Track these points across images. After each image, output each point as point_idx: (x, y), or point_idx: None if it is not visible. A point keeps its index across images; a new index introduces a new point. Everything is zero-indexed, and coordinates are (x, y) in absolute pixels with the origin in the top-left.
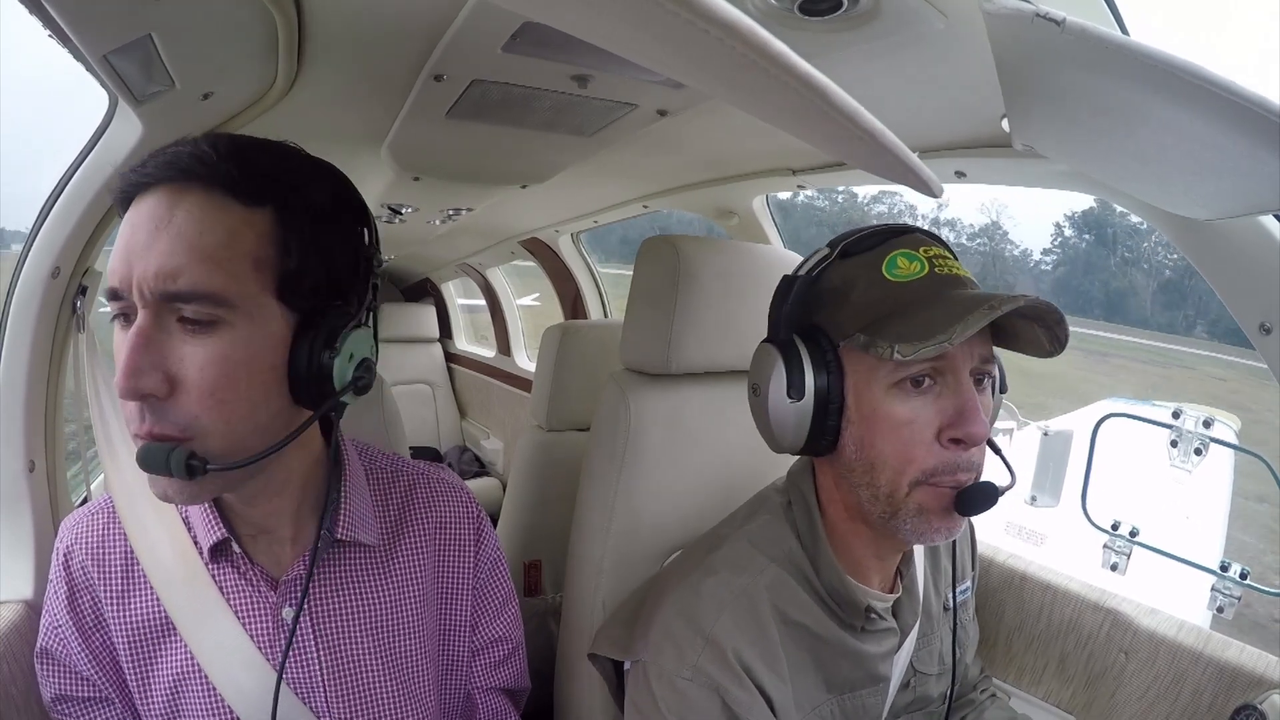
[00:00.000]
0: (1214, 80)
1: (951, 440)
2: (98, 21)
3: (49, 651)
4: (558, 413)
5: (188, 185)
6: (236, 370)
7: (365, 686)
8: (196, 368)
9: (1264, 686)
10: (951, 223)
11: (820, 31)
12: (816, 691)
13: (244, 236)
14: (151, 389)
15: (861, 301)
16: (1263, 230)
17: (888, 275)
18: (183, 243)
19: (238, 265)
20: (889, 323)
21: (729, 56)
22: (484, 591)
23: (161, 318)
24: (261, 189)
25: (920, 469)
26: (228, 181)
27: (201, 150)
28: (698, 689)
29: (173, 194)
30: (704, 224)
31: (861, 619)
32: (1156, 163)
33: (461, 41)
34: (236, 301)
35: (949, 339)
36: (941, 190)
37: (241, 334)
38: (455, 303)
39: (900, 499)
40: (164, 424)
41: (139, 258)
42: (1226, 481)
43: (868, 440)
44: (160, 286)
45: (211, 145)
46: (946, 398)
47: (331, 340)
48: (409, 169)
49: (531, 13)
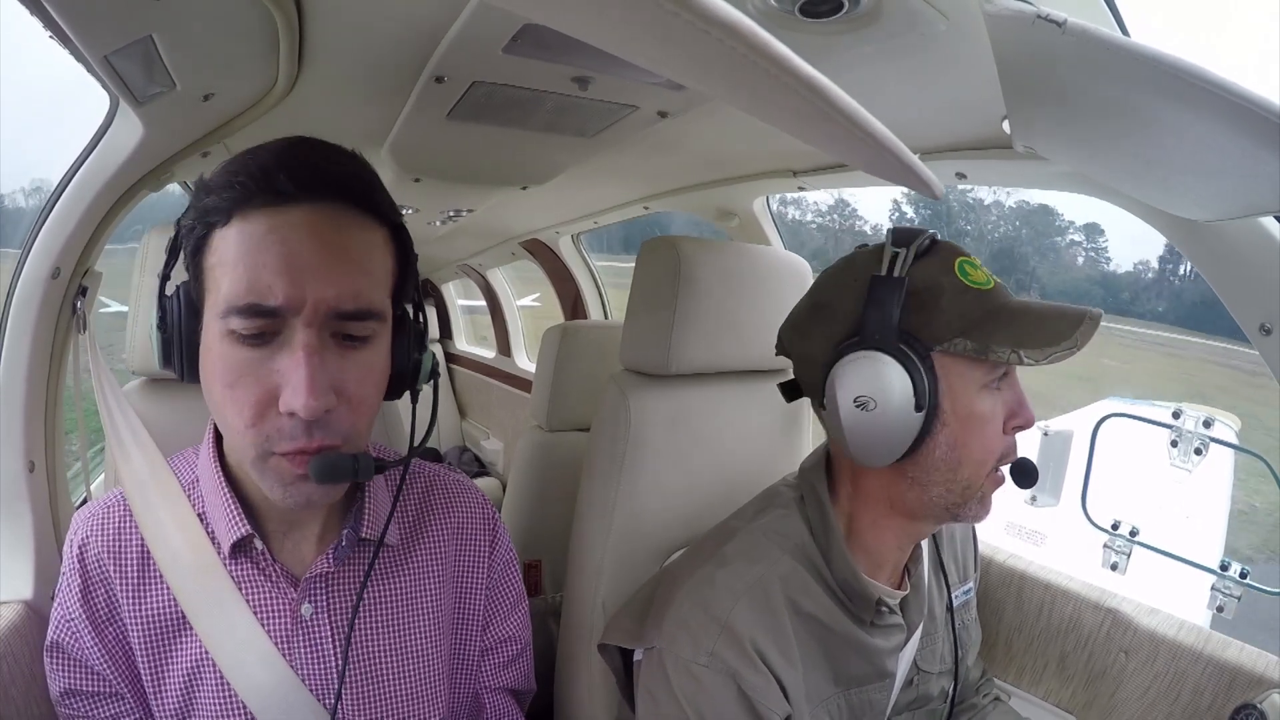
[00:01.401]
0: (1214, 81)
1: (1014, 428)
2: (98, 22)
3: (60, 645)
4: (558, 413)
5: (339, 204)
6: (380, 377)
7: (379, 684)
8: (356, 381)
9: (1264, 686)
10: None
11: (821, 33)
12: (825, 684)
13: (385, 254)
14: (330, 405)
15: (955, 307)
16: (1263, 231)
17: (968, 282)
18: (356, 264)
19: (386, 282)
20: (992, 328)
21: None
22: (497, 592)
23: (323, 336)
24: (380, 205)
25: (996, 456)
26: (369, 201)
27: (343, 166)
28: (714, 675)
29: (328, 212)
30: (688, 220)
31: (872, 612)
32: (1157, 164)
33: (462, 43)
34: (386, 315)
35: (1074, 344)
36: (943, 192)
37: (384, 343)
38: (455, 303)
39: (976, 487)
40: (331, 435)
41: (315, 277)
42: (1227, 481)
43: (961, 440)
44: (339, 306)
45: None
46: (1006, 392)
47: (421, 340)
48: (410, 170)
49: (532, 14)
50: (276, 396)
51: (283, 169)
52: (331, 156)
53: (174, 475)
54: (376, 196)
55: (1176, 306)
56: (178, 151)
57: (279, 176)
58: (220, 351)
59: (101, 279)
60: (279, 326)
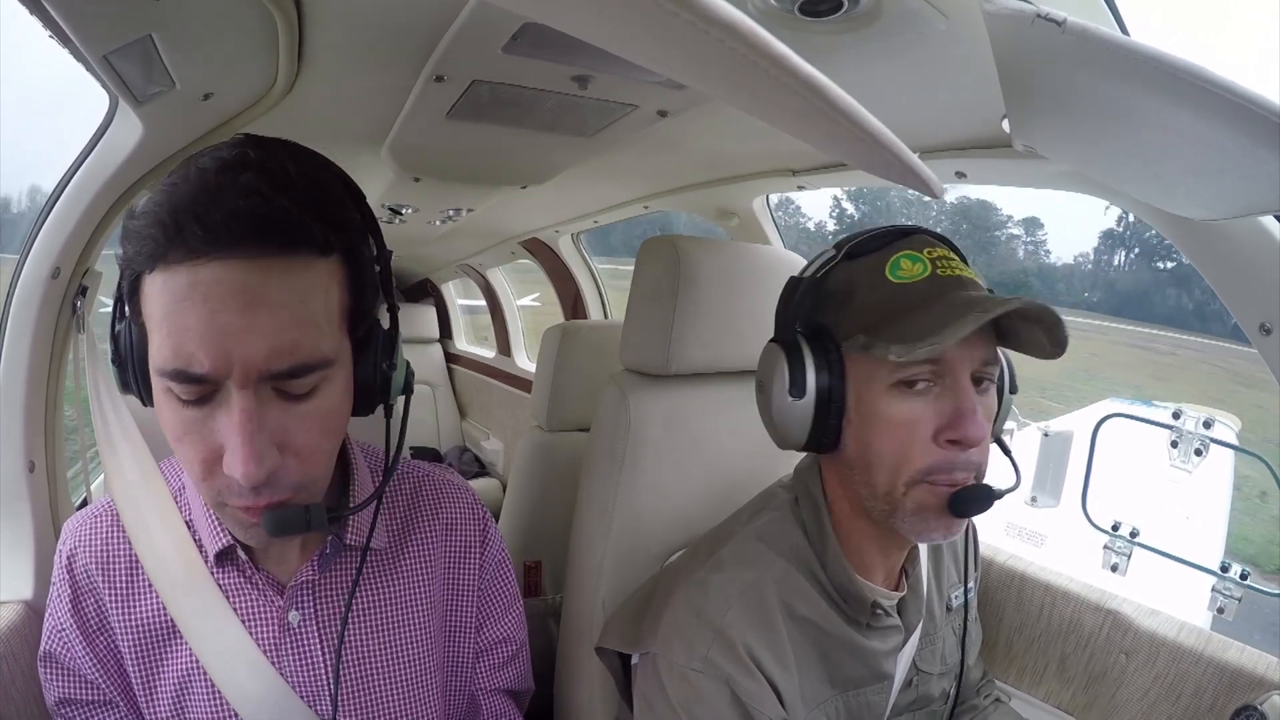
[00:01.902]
0: (1214, 80)
1: (948, 441)
2: (98, 22)
3: (53, 655)
4: (558, 413)
5: (264, 251)
6: (338, 421)
7: (372, 690)
8: (303, 432)
9: (1264, 687)
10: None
11: (821, 33)
12: (822, 687)
13: (331, 292)
14: (273, 466)
15: (864, 303)
16: (1263, 230)
17: (891, 277)
18: (289, 318)
19: (334, 324)
20: (888, 324)
21: (729, 57)
22: (489, 593)
23: (261, 393)
24: (317, 236)
25: (916, 468)
26: (303, 237)
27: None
28: (708, 680)
29: (251, 265)
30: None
31: (867, 615)
32: (1157, 163)
33: (462, 42)
34: (336, 358)
35: (941, 341)
36: (943, 191)
37: (337, 386)
38: (455, 303)
39: (897, 497)
40: (279, 490)
41: (240, 342)
42: (1227, 482)
43: (866, 439)
44: (270, 367)
45: (271, 189)
46: (945, 399)
47: (389, 357)
48: (409, 169)
49: (532, 13)
50: (221, 454)
51: (197, 219)
52: (261, 188)
53: (165, 480)
54: (312, 229)
55: (1110, 296)
56: (177, 151)
57: (193, 229)
58: (164, 405)
59: (101, 279)
60: (213, 389)
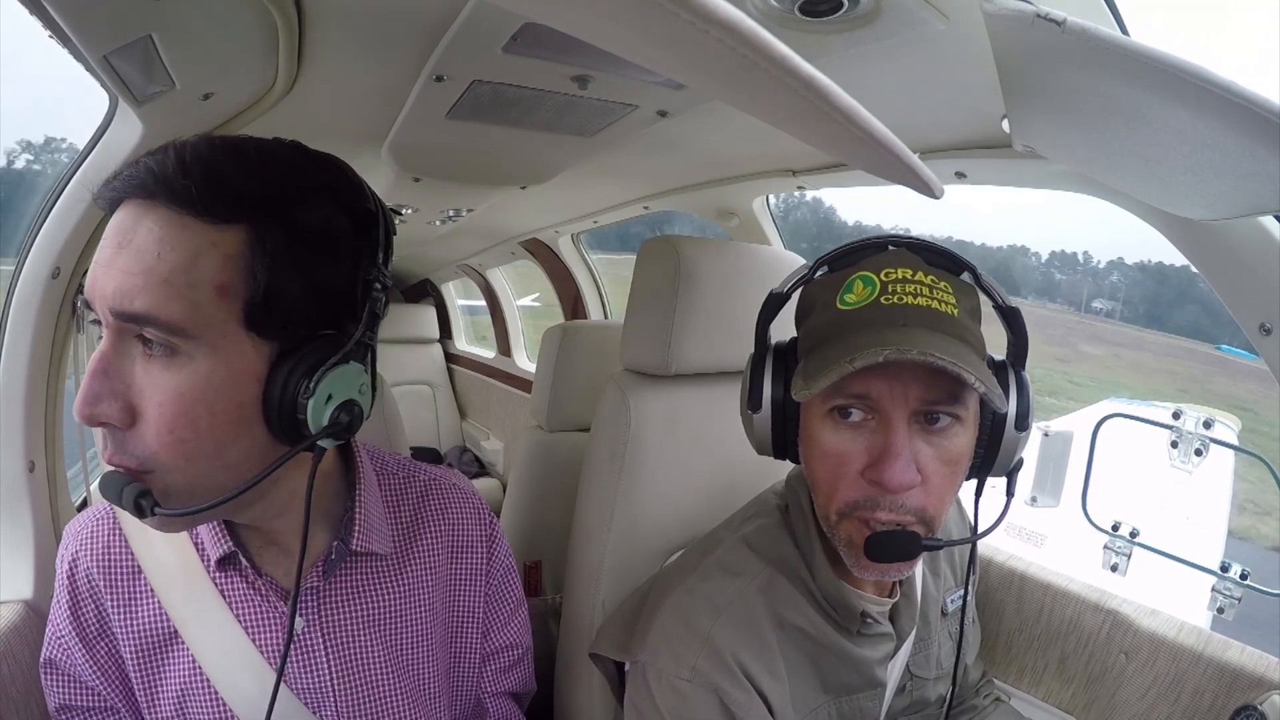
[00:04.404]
0: (1214, 80)
1: (870, 480)
2: (98, 22)
3: (53, 662)
4: (558, 413)
5: (152, 201)
6: (196, 408)
7: (376, 695)
8: (155, 402)
9: (1264, 687)
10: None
11: (821, 33)
12: (813, 693)
13: (207, 260)
14: (109, 418)
15: (812, 326)
16: (1263, 230)
17: (839, 303)
18: (139, 263)
19: (198, 293)
20: (815, 352)
21: (730, 58)
22: (495, 597)
23: (124, 340)
24: (231, 206)
25: (844, 500)
26: (189, 198)
27: (168, 162)
28: (696, 690)
29: (138, 209)
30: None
31: (857, 623)
32: (1157, 163)
33: (462, 42)
34: (195, 332)
35: (817, 384)
36: (942, 191)
37: (202, 367)
38: (455, 303)
39: (832, 524)
40: (124, 455)
41: (102, 273)
42: (1227, 482)
43: (807, 462)
44: (116, 305)
45: (179, 156)
46: (878, 435)
47: (308, 376)
48: (409, 169)
49: (532, 13)
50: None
51: (130, 168)
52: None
53: None
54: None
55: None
56: None
57: (120, 176)
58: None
59: None
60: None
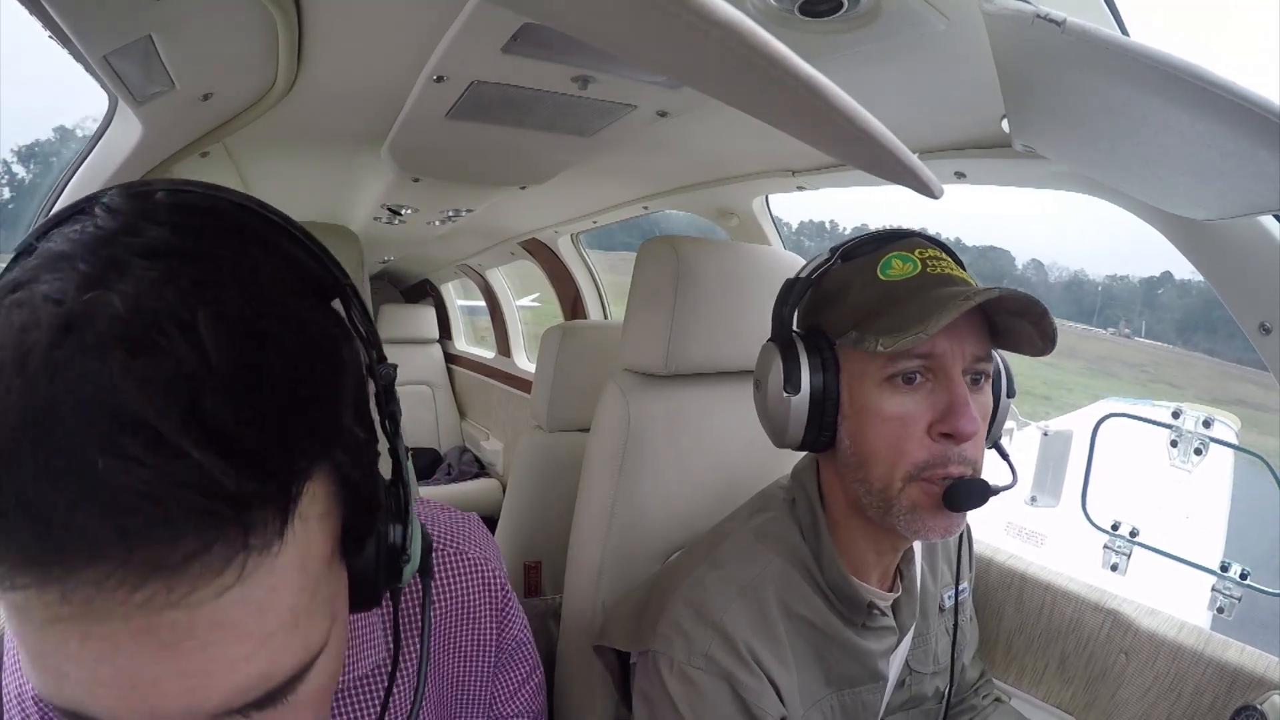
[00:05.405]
0: (1214, 80)
1: (940, 434)
2: (98, 22)
3: None
4: (558, 413)
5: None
6: (331, 688)
7: None
8: None
9: (1264, 687)
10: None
11: (821, 33)
12: (817, 685)
13: (317, 546)
14: None
15: (855, 300)
16: (1263, 230)
17: (881, 275)
18: (239, 640)
19: (323, 591)
20: (877, 318)
21: (729, 58)
22: (503, 669)
23: None
24: (306, 448)
25: (912, 463)
26: (246, 511)
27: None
28: (709, 678)
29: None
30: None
31: (864, 615)
32: (1157, 163)
33: (461, 42)
34: (328, 638)
35: (926, 330)
36: (942, 191)
37: (333, 651)
38: (455, 304)
39: (894, 494)
40: None
41: (155, 691)
42: (1227, 482)
43: (860, 435)
44: (222, 711)
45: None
46: (939, 394)
47: (398, 554)
48: (409, 170)
49: (531, 14)
50: None
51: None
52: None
53: None
54: (295, 450)
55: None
56: (177, 151)
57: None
58: None
59: None
60: None
